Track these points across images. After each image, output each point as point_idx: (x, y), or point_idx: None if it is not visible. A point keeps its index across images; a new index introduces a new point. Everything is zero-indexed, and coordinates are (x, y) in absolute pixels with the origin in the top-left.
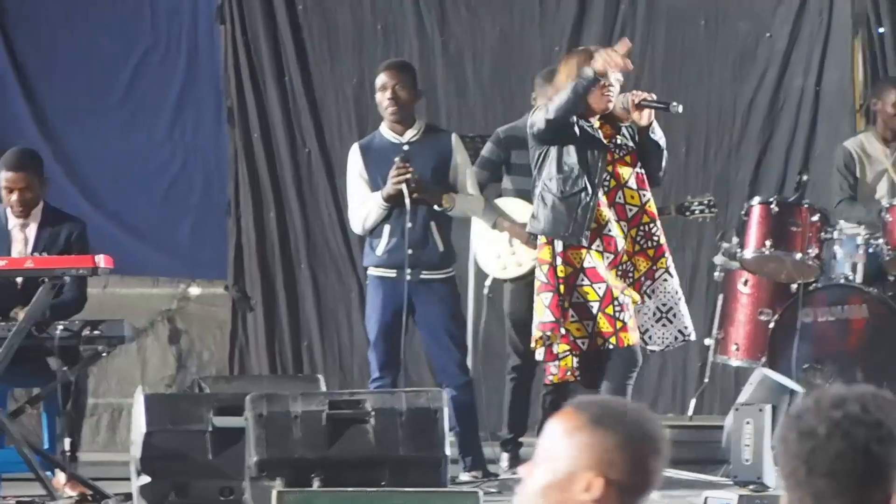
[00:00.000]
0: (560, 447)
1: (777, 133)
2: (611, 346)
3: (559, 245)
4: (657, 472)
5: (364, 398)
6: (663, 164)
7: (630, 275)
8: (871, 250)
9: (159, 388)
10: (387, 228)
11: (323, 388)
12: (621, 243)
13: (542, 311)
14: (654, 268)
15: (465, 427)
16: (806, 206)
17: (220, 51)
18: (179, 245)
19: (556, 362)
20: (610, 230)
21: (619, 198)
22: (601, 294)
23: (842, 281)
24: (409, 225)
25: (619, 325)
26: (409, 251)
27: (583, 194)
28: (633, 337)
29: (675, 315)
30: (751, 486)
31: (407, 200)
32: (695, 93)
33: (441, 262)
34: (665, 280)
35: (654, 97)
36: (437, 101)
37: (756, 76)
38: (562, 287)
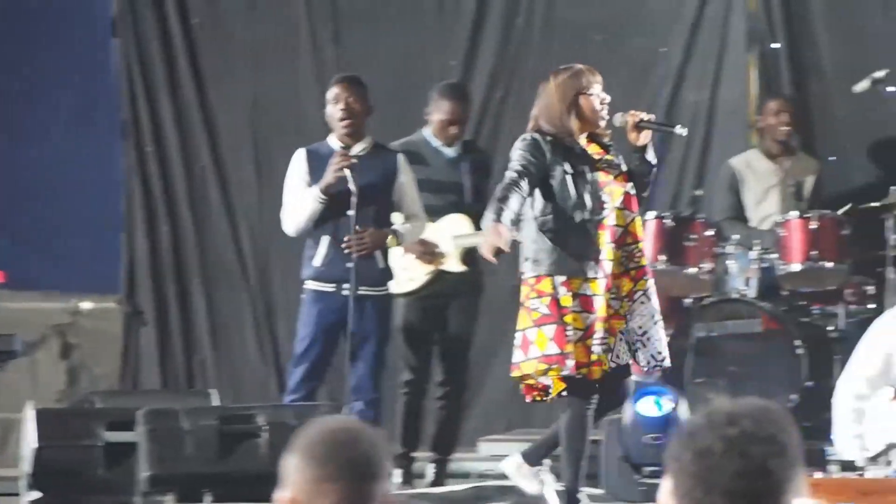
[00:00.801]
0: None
1: (671, 148)
2: (578, 377)
3: (560, 276)
4: (371, 497)
5: (256, 413)
6: (649, 184)
7: (617, 297)
8: (764, 265)
9: (50, 403)
10: (326, 240)
11: (216, 402)
12: (609, 267)
13: (545, 342)
14: (635, 289)
15: None
16: (700, 220)
17: (114, 64)
18: (72, 259)
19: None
20: (603, 255)
21: (612, 220)
22: (586, 324)
23: (735, 296)
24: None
25: (593, 357)
26: (348, 265)
27: (585, 223)
28: (599, 372)
29: (648, 339)
30: None
31: (352, 212)
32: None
33: (378, 279)
34: (642, 303)
35: (654, 117)
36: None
37: (651, 91)
38: (567, 317)
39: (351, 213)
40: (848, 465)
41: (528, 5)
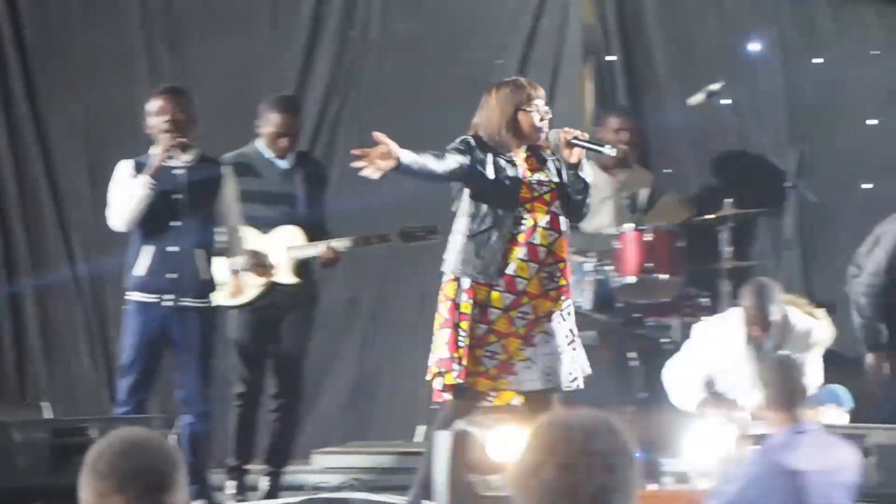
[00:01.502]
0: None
1: None
2: (463, 385)
3: (466, 282)
4: None
5: (89, 425)
6: (587, 201)
7: (527, 316)
8: (600, 277)
9: None
10: (149, 250)
11: (48, 415)
12: (522, 285)
13: (440, 346)
14: (552, 309)
15: (197, 456)
16: None
17: None
18: None
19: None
20: (514, 271)
21: (535, 238)
22: (479, 334)
23: None
24: (171, 249)
25: (482, 369)
26: (170, 276)
27: (491, 233)
28: (487, 384)
29: (561, 360)
30: None
31: (178, 222)
32: (428, 120)
33: (201, 291)
34: (559, 322)
35: (587, 136)
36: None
37: None
38: (463, 323)
39: (176, 223)
40: (682, 478)
41: (364, 17)
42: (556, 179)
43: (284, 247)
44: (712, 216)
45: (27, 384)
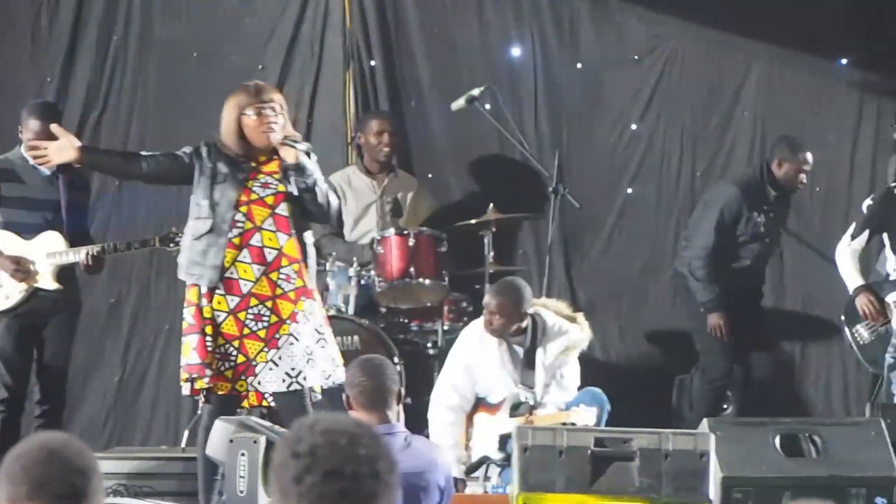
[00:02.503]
0: None
1: None
2: (211, 388)
3: (206, 283)
4: None
5: None
6: (322, 202)
7: (265, 318)
8: (363, 282)
9: None
10: None
11: None
12: (248, 286)
13: (188, 352)
14: (295, 310)
15: None
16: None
17: None
18: None
19: (200, 397)
20: (234, 273)
21: (256, 240)
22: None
23: (334, 312)
24: None
25: (212, 371)
26: None
27: (209, 236)
28: (224, 387)
29: (313, 359)
30: None
31: None
32: (188, 126)
33: None
34: (304, 323)
35: (297, 135)
36: None
37: None
38: (208, 328)
39: None
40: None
41: (125, 22)
42: (299, 186)
43: (46, 252)
44: (475, 221)
45: None
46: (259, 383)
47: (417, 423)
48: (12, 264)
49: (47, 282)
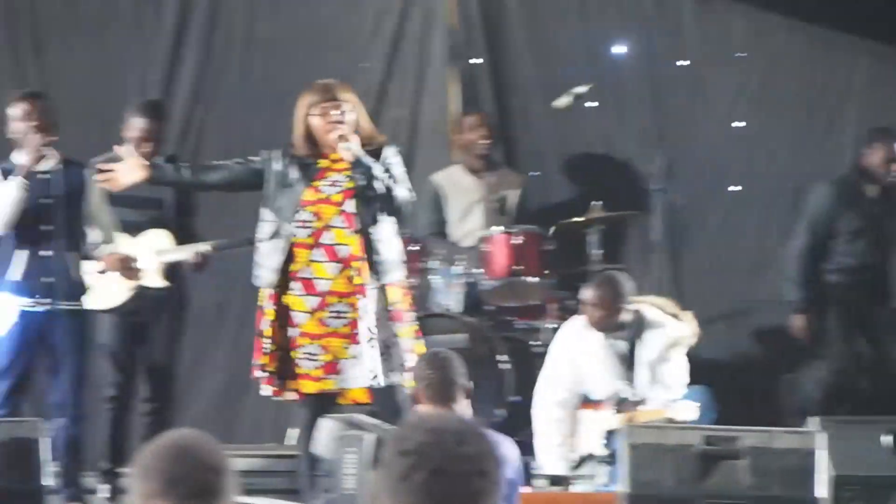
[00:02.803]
0: None
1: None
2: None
3: (268, 289)
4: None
5: None
6: (385, 195)
7: (345, 315)
8: (468, 280)
9: None
10: (23, 254)
11: None
12: (325, 285)
13: (256, 352)
14: (359, 307)
15: (71, 459)
16: (405, 236)
17: None
18: None
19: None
20: (310, 273)
21: (328, 238)
22: (291, 337)
23: (440, 311)
24: (45, 253)
25: (302, 371)
26: (44, 280)
27: (276, 239)
28: (313, 386)
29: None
30: None
31: (50, 226)
32: (290, 124)
33: (74, 293)
34: (361, 321)
35: (350, 134)
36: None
37: None
38: (266, 331)
39: (47, 227)
40: (555, 480)
41: (228, 20)
42: (359, 182)
43: (154, 250)
44: (580, 219)
45: None
46: (345, 380)
47: (526, 420)
48: (120, 262)
49: (155, 280)
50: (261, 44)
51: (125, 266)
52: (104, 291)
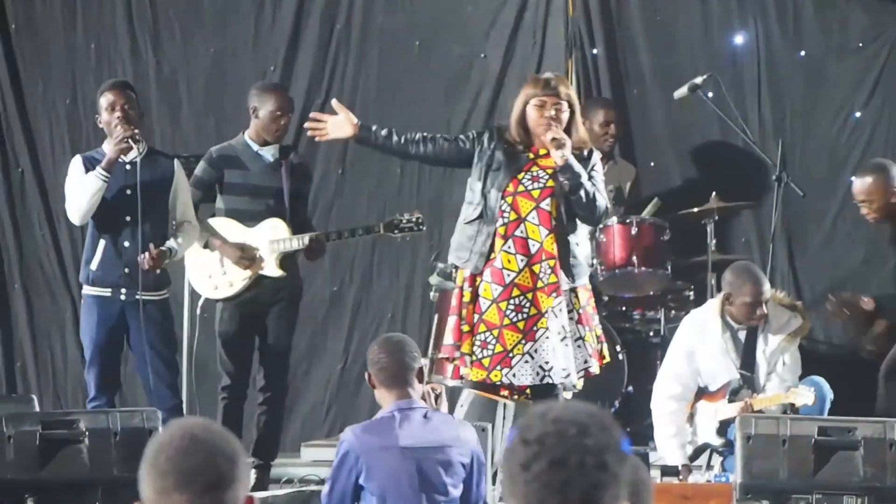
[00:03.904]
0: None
1: None
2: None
3: (469, 269)
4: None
5: (78, 418)
6: (587, 203)
7: (525, 310)
8: None
9: None
10: (102, 244)
11: (36, 408)
12: (510, 276)
13: (447, 333)
14: (549, 306)
15: None
16: None
17: None
18: None
19: (460, 379)
20: (499, 262)
21: (521, 231)
22: (474, 322)
23: None
24: (126, 244)
25: (472, 358)
26: (125, 270)
27: (478, 222)
28: (480, 374)
29: (556, 355)
30: None
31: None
32: (409, 114)
33: (156, 284)
34: (552, 319)
35: (564, 137)
36: (151, 122)
37: (470, 97)
38: (464, 311)
39: (129, 218)
40: (671, 471)
41: (347, 11)
42: (564, 186)
43: (269, 240)
44: (697, 209)
45: (16, 378)
46: (514, 375)
47: (639, 411)
48: (237, 252)
49: (271, 269)
50: (379, 35)
51: (242, 255)
52: (221, 281)
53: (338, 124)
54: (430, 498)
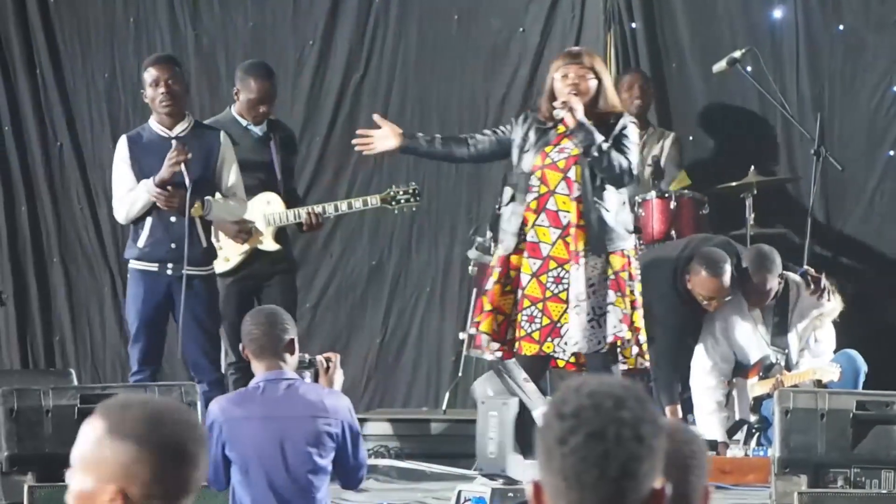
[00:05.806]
0: (86, 456)
1: None
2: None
3: (500, 249)
4: (186, 481)
5: (116, 392)
6: (604, 162)
7: (565, 281)
8: None
9: None
10: (149, 221)
11: (75, 382)
12: (547, 249)
13: (476, 310)
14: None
15: None
16: None
17: None
18: None
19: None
20: (534, 236)
21: (551, 204)
22: (516, 299)
23: None
24: (172, 219)
25: (521, 332)
26: (172, 245)
27: (513, 204)
28: (532, 348)
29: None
30: (501, 480)
31: (189, 184)
32: (448, 88)
33: (203, 259)
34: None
35: (576, 101)
36: (190, 96)
37: (509, 72)
38: (493, 288)
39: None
40: (710, 445)
41: None
42: (578, 148)
43: (264, 213)
44: (736, 183)
45: (55, 352)
46: (566, 344)
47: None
48: (234, 226)
49: (267, 243)
50: (418, 8)
51: (240, 229)
52: (218, 255)
53: (383, 137)
54: (293, 467)
